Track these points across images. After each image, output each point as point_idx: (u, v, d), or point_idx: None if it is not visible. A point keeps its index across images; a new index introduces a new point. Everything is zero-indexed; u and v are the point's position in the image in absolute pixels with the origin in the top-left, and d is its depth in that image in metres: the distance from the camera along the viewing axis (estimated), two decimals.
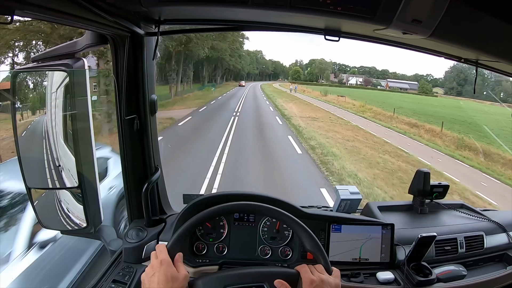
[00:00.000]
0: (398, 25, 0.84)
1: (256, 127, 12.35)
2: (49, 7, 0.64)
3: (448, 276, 1.09)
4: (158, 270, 0.72)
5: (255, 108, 19.64)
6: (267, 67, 70.10)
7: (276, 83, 59.57)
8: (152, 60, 1.03)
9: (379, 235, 1.07)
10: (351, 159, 8.51)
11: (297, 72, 65.00)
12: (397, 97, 35.82)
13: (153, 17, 0.96)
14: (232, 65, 40.99)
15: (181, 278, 0.72)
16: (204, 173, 5.92)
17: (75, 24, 0.85)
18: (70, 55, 1.02)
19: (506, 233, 1.28)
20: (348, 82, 56.97)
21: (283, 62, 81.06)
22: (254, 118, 14.95)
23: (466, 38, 0.90)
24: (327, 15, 0.83)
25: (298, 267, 0.79)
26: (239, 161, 6.99)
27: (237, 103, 20.90)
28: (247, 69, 56.70)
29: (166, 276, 0.71)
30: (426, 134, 14.69)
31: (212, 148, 7.85)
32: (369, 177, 7.07)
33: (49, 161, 1.07)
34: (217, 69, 38.30)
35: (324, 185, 5.76)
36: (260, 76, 68.66)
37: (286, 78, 68.03)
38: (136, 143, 1.05)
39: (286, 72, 70.40)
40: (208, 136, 9.58)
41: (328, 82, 58.18)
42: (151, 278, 0.72)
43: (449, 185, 1.34)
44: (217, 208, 0.85)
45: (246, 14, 0.95)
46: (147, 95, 1.02)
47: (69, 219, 1.12)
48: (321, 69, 61.54)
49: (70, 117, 1.02)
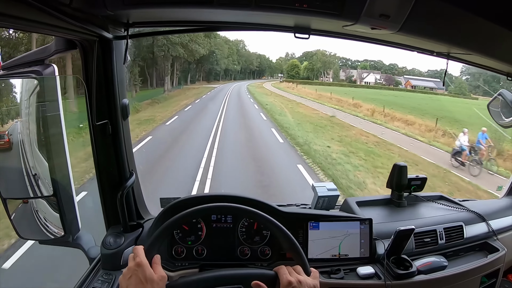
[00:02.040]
0: (366, 21, 0.85)
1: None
2: (12, 14, 0.63)
3: (428, 268, 1.10)
4: (135, 272, 0.71)
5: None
6: (251, 61, 51.84)
7: (266, 83, 44.92)
8: (123, 64, 1.01)
9: (358, 231, 1.08)
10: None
11: (295, 67, 48.76)
12: (447, 103, 23.59)
13: (121, 21, 0.95)
14: (196, 55, 24.44)
15: (158, 280, 0.71)
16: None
17: (40, 30, 0.84)
18: (39, 62, 1.00)
19: (485, 222, 1.30)
20: (362, 81, 43.03)
21: (269, 56, 64.43)
22: None
23: (436, 31, 0.91)
24: (294, 12, 0.84)
25: (276, 268, 0.78)
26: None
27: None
28: (224, 63, 40.83)
29: (143, 278, 0.70)
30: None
31: None
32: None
33: (25, 170, 1.05)
34: (175, 62, 23.86)
35: None
36: (243, 73, 51.81)
37: (272, 75, 54.51)
38: (109, 148, 1.04)
39: (273, 69, 55.58)
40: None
41: (335, 80, 44.31)
42: (128, 280, 0.71)
43: (426, 178, 1.36)
44: (193, 210, 0.85)
45: (214, 14, 0.94)
46: (118, 100, 1.01)
47: (46, 228, 1.10)
48: (325, 63, 46.28)
49: (42, 124, 1.01)
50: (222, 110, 15.58)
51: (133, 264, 0.73)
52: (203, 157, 7.50)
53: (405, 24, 0.85)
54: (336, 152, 9.07)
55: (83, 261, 1.13)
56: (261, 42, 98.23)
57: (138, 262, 0.72)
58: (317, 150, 8.90)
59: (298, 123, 13.39)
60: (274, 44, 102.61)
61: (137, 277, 0.71)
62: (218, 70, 40.39)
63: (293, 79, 45.01)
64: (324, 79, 45.89)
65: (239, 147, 8.86)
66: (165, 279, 0.73)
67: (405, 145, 10.69)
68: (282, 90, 34.55)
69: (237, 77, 49.04)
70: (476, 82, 31.38)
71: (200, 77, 37.18)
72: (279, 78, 50.88)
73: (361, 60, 48.53)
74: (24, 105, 1.02)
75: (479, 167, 7.85)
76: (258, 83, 43.55)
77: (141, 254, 0.75)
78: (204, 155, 7.75)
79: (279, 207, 1.10)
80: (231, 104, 18.90)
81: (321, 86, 37.10)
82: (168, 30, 1.03)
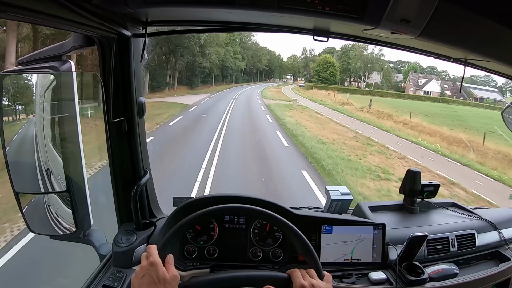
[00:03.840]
0: (386, 25, 0.84)
1: None
2: (33, 9, 0.63)
3: (440, 275, 1.09)
4: (148, 272, 0.71)
5: None
6: (259, 58, 38.44)
7: (286, 87, 32.83)
8: (140, 62, 1.01)
9: (371, 236, 1.07)
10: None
11: (330, 66, 32.99)
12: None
13: (140, 19, 0.95)
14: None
15: (171, 280, 0.71)
16: None
17: (60, 26, 0.84)
18: (56, 57, 1.00)
19: (497, 231, 1.28)
20: (419, 90, 31.21)
21: (279, 53, 50.63)
22: None
23: (455, 37, 0.90)
24: (315, 15, 0.83)
25: (289, 271, 0.78)
26: None
27: None
28: (219, 54, 25.45)
29: (156, 278, 0.70)
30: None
31: None
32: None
33: (38, 165, 1.05)
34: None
35: None
36: (247, 73, 38.40)
37: (280, 77, 44.21)
38: (124, 146, 1.04)
39: (283, 69, 45.14)
40: None
41: (375, 87, 31.63)
42: (141, 279, 0.71)
43: (439, 184, 1.35)
44: (207, 210, 0.84)
45: (234, 15, 0.94)
46: (135, 98, 1.01)
47: (58, 223, 1.10)
48: (366, 62, 32.54)
49: (57, 120, 1.01)
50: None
51: (146, 263, 0.73)
52: None
53: (425, 30, 0.84)
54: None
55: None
56: (269, 36, 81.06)
57: (151, 261, 0.72)
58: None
59: None
60: (284, 40, 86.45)
61: (150, 276, 0.71)
62: (208, 68, 25.34)
63: (325, 83, 31.03)
64: (360, 85, 33.07)
65: None
66: (177, 279, 0.73)
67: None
68: (320, 104, 21.83)
69: (239, 79, 35.61)
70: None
71: (173, 81, 21.66)
72: (291, 80, 42.16)
73: (404, 61, 35.90)
74: (39, 100, 1.02)
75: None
76: (273, 89, 30.40)
77: (154, 253, 0.75)
78: None
79: (292, 209, 1.09)
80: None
81: (372, 96, 25.39)
82: (186, 30, 1.03)
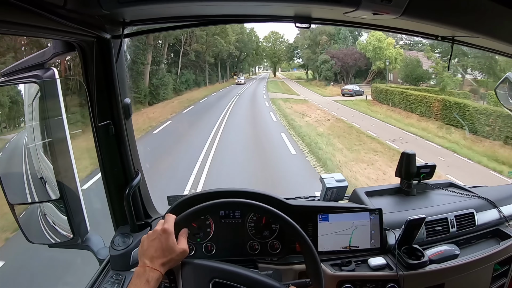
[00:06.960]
0: (367, 6, 0.82)
1: None
2: (6, 20, 0.62)
3: (440, 257, 1.08)
4: (159, 237, 0.73)
5: None
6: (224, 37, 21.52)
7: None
8: (116, 62, 1.00)
9: (368, 221, 1.06)
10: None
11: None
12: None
13: (118, 20, 0.93)
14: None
15: (178, 252, 0.72)
16: None
17: (37, 34, 0.83)
18: (39, 66, 1.00)
19: (497, 209, 1.27)
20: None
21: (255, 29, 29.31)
22: None
23: (440, 15, 0.89)
24: (295, 1, 0.82)
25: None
26: None
27: None
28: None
29: (165, 245, 0.72)
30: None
31: None
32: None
33: (31, 174, 1.05)
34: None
35: None
36: (200, 68, 20.00)
37: (249, 70, 32.06)
38: (113, 149, 1.03)
39: (259, 55, 29.99)
40: None
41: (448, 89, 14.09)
42: (151, 242, 0.73)
43: (435, 165, 1.33)
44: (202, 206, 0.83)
45: (213, 8, 0.93)
46: (120, 99, 1.01)
47: (55, 232, 1.10)
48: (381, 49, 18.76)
49: (45, 128, 1.01)
50: None
51: (160, 228, 0.74)
52: None
53: (407, 8, 0.82)
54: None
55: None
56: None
57: (165, 228, 0.74)
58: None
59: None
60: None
61: (160, 242, 0.72)
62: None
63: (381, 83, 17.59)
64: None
65: None
66: (186, 253, 0.74)
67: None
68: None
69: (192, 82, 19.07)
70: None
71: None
72: (266, 72, 29.89)
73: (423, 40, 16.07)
74: (28, 110, 1.02)
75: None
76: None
77: (170, 222, 0.76)
78: None
79: (287, 200, 1.08)
80: None
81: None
82: (166, 27, 1.02)
